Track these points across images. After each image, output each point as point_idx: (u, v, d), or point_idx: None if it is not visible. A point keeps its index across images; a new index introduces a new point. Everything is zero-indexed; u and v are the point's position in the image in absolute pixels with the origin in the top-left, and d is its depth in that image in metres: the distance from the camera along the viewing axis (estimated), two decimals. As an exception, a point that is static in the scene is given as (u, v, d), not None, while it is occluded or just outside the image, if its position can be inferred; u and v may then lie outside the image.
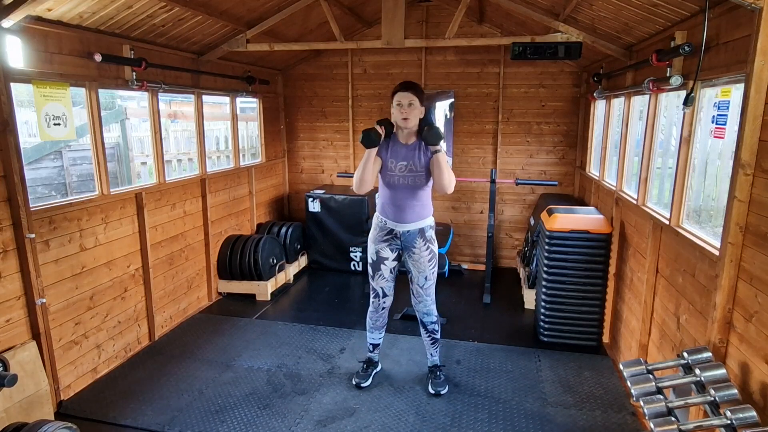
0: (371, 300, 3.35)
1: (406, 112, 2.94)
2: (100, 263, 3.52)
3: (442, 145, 2.91)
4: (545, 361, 3.74)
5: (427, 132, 2.85)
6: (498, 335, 4.19)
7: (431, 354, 3.41)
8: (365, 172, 2.94)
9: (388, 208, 3.12)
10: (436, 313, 3.31)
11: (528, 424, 2.99)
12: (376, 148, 2.95)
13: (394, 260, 3.21)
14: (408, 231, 3.11)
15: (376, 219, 3.21)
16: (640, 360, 2.17)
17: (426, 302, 3.26)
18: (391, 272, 3.24)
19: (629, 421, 3.02)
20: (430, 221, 3.17)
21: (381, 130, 2.93)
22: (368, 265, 3.27)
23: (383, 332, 3.46)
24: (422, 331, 3.36)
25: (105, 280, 3.57)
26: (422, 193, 3.08)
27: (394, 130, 3.06)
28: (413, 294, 3.28)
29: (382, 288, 3.27)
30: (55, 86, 3.06)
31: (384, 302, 3.33)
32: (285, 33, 5.04)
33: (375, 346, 3.48)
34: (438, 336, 3.37)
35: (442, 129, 2.91)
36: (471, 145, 5.90)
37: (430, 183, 3.08)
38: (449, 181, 2.95)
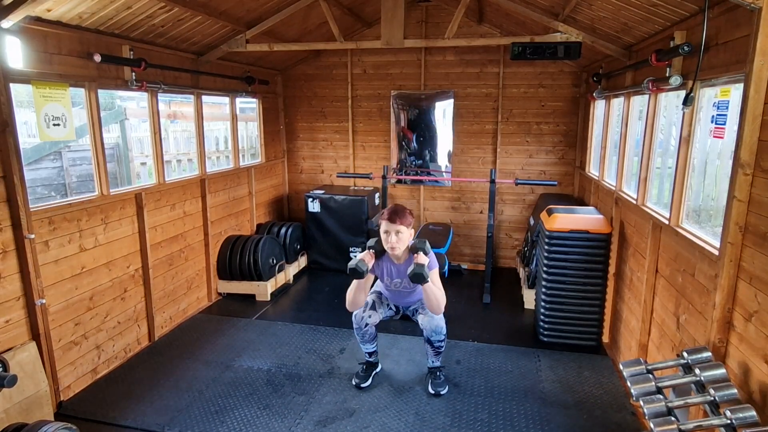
0: (353, 315, 3.31)
1: (392, 243, 3.01)
2: (100, 264, 3.52)
3: (429, 258, 2.96)
4: (545, 361, 3.74)
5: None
6: (498, 335, 4.19)
7: (432, 361, 3.39)
8: (357, 297, 3.14)
9: (389, 295, 3.37)
10: (445, 331, 3.23)
11: (528, 424, 2.99)
12: (365, 276, 3.03)
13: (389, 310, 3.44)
14: (408, 306, 3.37)
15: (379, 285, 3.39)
16: (640, 360, 2.17)
17: (435, 319, 3.18)
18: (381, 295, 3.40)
19: (629, 421, 3.02)
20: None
21: (370, 258, 3.05)
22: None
23: (375, 342, 3.43)
24: (427, 347, 3.30)
25: (105, 281, 3.57)
26: (418, 288, 3.19)
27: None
28: (419, 310, 3.29)
29: (372, 300, 3.33)
30: (55, 87, 3.06)
31: (369, 316, 3.26)
32: (284, 33, 5.04)
33: (371, 353, 3.47)
34: (443, 350, 3.32)
35: (427, 272, 2.87)
36: (470, 145, 5.90)
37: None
38: (438, 305, 3.03)
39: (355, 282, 3.06)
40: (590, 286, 3.83)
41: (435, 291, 2.98)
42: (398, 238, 2.99)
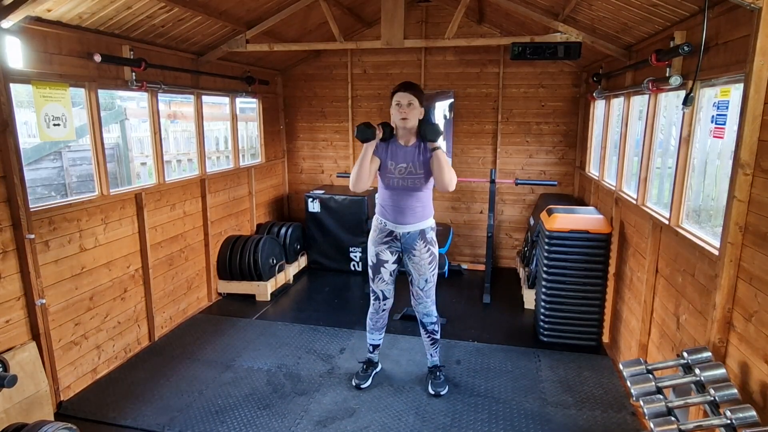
0: (371, 302, 3.35)
1: (405, 112, 2.92)
2: (100, 264, 3.52)
3: (442, 145, 2.90)
4: (545, 361, 3.74)
5: (425, 127, 2.85)
6: (498, 335, 4.19)
7: (431, 354, 3.41)
8: (362, 169, 2.93)
9: (388, 210, 3.11)
10: (436, 314, 3.31)
11: (528, 424, 2.99)
12: (374, 146, 2.95)
13: (394, 263, 3.20)
14: (408, 233, 3.10)
15: (376, 221, 3.20)
16: (640, 360, 2.17)
17: (426, 304, 3.25)
18: (391, 275, 3.23)
19: (629, 421, 3.02)
20: (430, 223, 3.16)
21: (379, 131, 2.93)
22: (368, 268, 3.27)
23: (383, 333, 3.46)
24: (422, 331, 3.36)
25: (105, 281, 3.57)
26: (423, 194, 3.07)
27: (394, 132, 3.05)
28: (413, 295, 3.27)
29: (382, 291, 3.27)
30: (55, 87, 3.06)
31: (384, 304, 3.32)
32: (284, 33, 5.04)
33: (375, 347, 3.48)
34: (438, 336, 3.37)
35: (441, 129, 2.91)
36: (470, 146, 5.90)
37: (431, 184, 3.07)
38: (450, 178, 2.92)
39: (360, 156, 2.95)
40: (590, 286, 3.83)
41: (446, 161, 2.90)
42: (410, 108, 2.93)
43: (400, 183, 3.03)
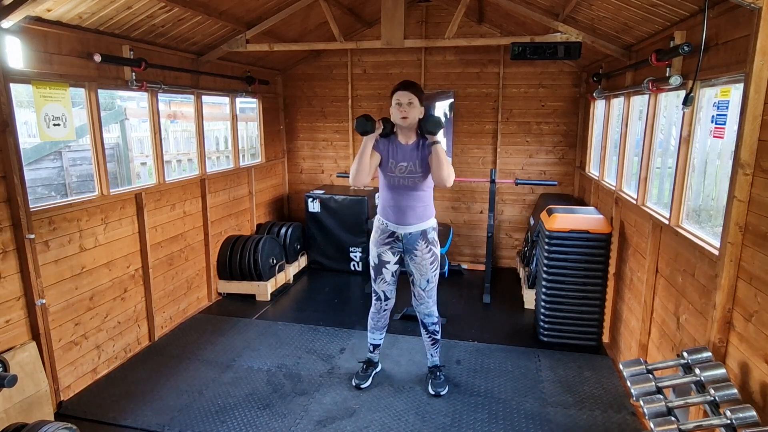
0: (373, 302, 3.35)
1: (405, 111, 2.92)
2: (100, 264, 3.52)
3: (443, 142, 2.89)
4: (545, 361, 3.74)
5: (426, 119, 2.83)
6: (498, 335, 4.19)
7: (431, 354, 3.41)
8: (361, 163, 2.91)
9: (389, 210, 3.09)
10: (437, 314, 3.31)
11: (528, 424, 2.99)
12: (373, 139, 2.94)
13: (395, 263, 3.20)
14: (410, 233, 3.09)
15: (377, 221, 3.19)
16: (640, 360, 2.17)
17: (427, 304, 3.25)
18: (392, 275, 3.23)
19: (629, 421, 3.02)
20: (432, 223, 3.15)
21: (378, 123, 2.92)
22: (370, 268, 3.26)
23: (384, 333, 3.46)
24: (423, 331, 3.36)
25: (105, 281, 3.57)
26: (424, 194, 3.07)
27: (394, 130, 3.05)
28: (414, 295, 3.27)
29: (384, 291, 3.27)
30: (55, 87, 3.06)
31: (386, 305, 3.32)
32: (284, 33, 5.04)
33: (375, 346, 3.48)
34: (438, 336, 3.37)
35: (443, 121, 2.90)
36: (470, 145, 5.90)
37: (431, 184, 3.06)
38: (448, 174, 2.89)
39: (360, 151, 2.93)
40: (590, 286, 3.83)
41: (445, 156, 2.89)
42: (410, 107, 2.93)
43: (401, 182, 3.02)
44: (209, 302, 4.92)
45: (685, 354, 2.08)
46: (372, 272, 3.25)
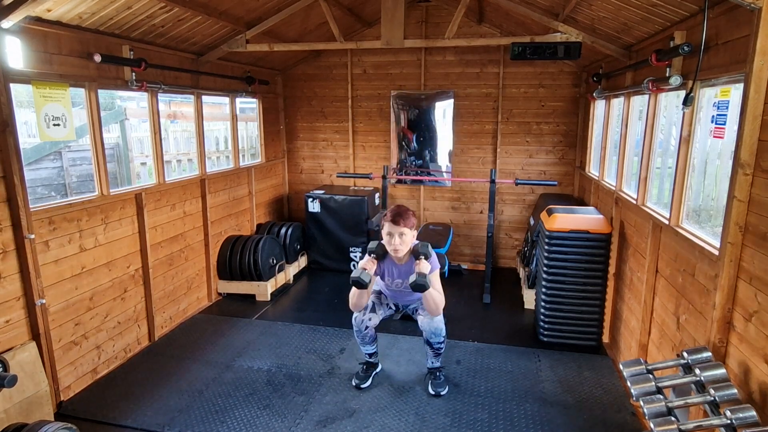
0: (353, 318, 3.32)
1: (396, 245, 3.00)
2: (100, 264, 3.52)
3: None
4: (545, 361, 3.74)
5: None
6: (498, 335, 4.19)
7: (432, 362, 3.39)
8: (360, 300, 3.13)
9: (388, 296, 3.37)
10: (444, 333, 3.22)
11: (528, 424, 2.99)
12: (368, 287, 3.06)
13: (390, 309, 3.43)
14: (409, 306, 3.36)
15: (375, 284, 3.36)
16: (640, 360, 2.17)
17: (436, 320, 3.16)
18: (388, 307, 3.40)
19: (629, 421, 3.02)
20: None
21: (372, 264, 3.05)
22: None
23: (375, 344, 3.44)
24: (426, 348, 3.30)
25: (105, 281, 3.57)
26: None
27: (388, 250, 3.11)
28: (419, 312, 3.26)
29: (372, 301, 3.32)
30: (55, 87, 3.06)
31: (367, 320, 3.27)
32: (284, 33, 5.04)
33: (371, 354, 3.47)
34: (442, 351, 3.32)
35: (428, 271, 2.92)
36: (470, 145, 5.90)
37: None
38: (436, 308, 3.05)
39: (357, 295, 3.09)
40: (590, 286, 3.82)
41: (435, 295, 2.98)
42: (401, 240, 2.98)
43: (398, 290, 3.26)
44: (209, 302, 4.92)
45: (685, 354, 2.09)
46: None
